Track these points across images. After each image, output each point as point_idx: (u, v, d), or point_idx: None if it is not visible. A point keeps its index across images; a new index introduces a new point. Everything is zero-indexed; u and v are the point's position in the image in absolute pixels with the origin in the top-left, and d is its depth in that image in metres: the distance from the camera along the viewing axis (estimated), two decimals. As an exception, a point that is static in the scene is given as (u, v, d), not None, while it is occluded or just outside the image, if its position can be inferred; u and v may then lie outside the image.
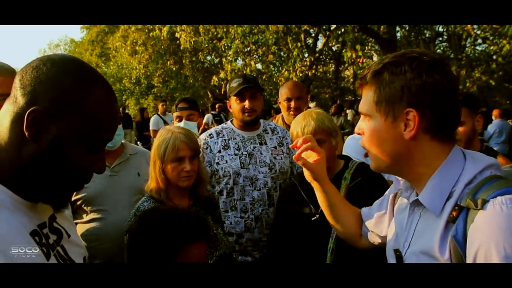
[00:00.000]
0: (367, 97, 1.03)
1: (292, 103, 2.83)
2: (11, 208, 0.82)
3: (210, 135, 2.41)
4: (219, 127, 2.51)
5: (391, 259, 1.12)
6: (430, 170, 1.00)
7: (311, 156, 1.40)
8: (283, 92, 2.90)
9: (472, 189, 0.92)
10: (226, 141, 2.37)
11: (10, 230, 0.78)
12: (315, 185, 1.43)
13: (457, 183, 0.95)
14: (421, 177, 1.01)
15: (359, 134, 1.09)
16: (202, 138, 2.41)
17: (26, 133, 0.80)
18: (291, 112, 2.82)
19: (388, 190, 1.31)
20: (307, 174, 1.43)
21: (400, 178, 1.15)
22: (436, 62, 0.96)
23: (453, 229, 0.90)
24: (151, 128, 8.14)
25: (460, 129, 2.23)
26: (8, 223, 0.79)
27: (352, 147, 2.77)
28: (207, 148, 2.36)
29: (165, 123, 7.76)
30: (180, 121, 2.89)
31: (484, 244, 0.83)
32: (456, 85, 0.99)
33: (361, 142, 1.08)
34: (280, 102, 3.00)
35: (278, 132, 2.49)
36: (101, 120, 0.86)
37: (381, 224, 1.29)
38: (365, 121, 1.05)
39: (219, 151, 2.34)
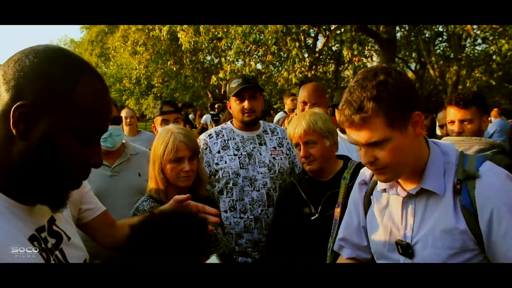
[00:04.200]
0: (375, 126, 1.07)
1: (307, 108, 2.80)
2: (6, 213, 0.77)
3: (209, 135, 2.41)
4: (219, 127, 2.50)
5: (391, 252, 1.24)
6: (424, 160, 1.17)
7: None
8: (302, 95, 2.87)
9: (459, 165, 1.15)
10: (226, 142, 2.37)
11: (5, 238, 0.74)
12: None
13: (444, 164, 1.16)
14: (416, 169, 1.17)
15: (371, 163, 1.13)
16: (201, 138, 2.41)
17: (14, 131, 0.75)
18: None
19: (350, 204, 1.48)
20: None
21: (363, 184, 1.39)
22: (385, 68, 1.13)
23: (461, 199, 1.10)
24: None
25: (468, 126, 2.25)
26: (4, 231, 0.75)
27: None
28: (206, 148, 2.35)
29: None
30: (165, 124, 2.66)
31: (494, 202, 1.06)
32: None
33: (375, 167, 1.14)
34: (298, 102, 2.98)
35: (278, 133, 2.48)
36: (93, 110, 0.81)
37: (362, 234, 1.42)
38: (378, 148, 1.10)
39: (218, 152, 2.33)
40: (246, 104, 2.32)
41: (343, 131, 2.69)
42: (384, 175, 1.15)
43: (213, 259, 1.15)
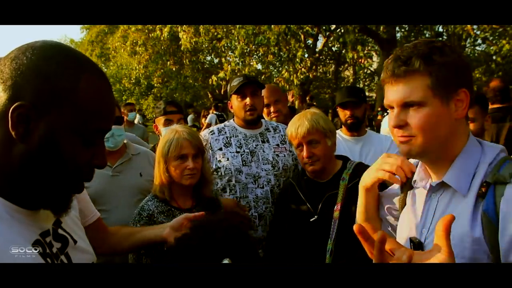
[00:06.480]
0: (417, 84, 0.99)
1: (271, 108, 2.88)
2: (8, 218, 0.74)
3: (211, 132, 2.42)
4: (222, 124, 2.52)
5: None
6: (456, 151, 1.05)
7: None
8: None
9: (494, 167, 1.00)
10: (228, 139, 2.37)
11: (6, 244, 0.71)
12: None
13: (479, 163, 1.03)
14: (448, 159, 1.05)
15: (400, 126, 1.03)
16: (203, 134, 2.42)
17: (13, 133, 0.71)
18: (273, 118, 2.85)
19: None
20: None
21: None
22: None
23: (484, 204, 0.96)
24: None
25: (471, 125, 2.25)
26: (5, 237, 0.72)
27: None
28: (207, 144, 2.36)
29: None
30: (168, 125, 2.72)
31: None
32: None
33: (403, 132, 1.03)
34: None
35: (280, 131, 2.49)
36: (95, 109, 0.77)
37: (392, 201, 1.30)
38: (413, 112, 1.01)
39: (220, 149, 2.34)
40: (248, 100, 2.33)
41: (347, 131, 2.70)
42: (408, 146, 1.03)
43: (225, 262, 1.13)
